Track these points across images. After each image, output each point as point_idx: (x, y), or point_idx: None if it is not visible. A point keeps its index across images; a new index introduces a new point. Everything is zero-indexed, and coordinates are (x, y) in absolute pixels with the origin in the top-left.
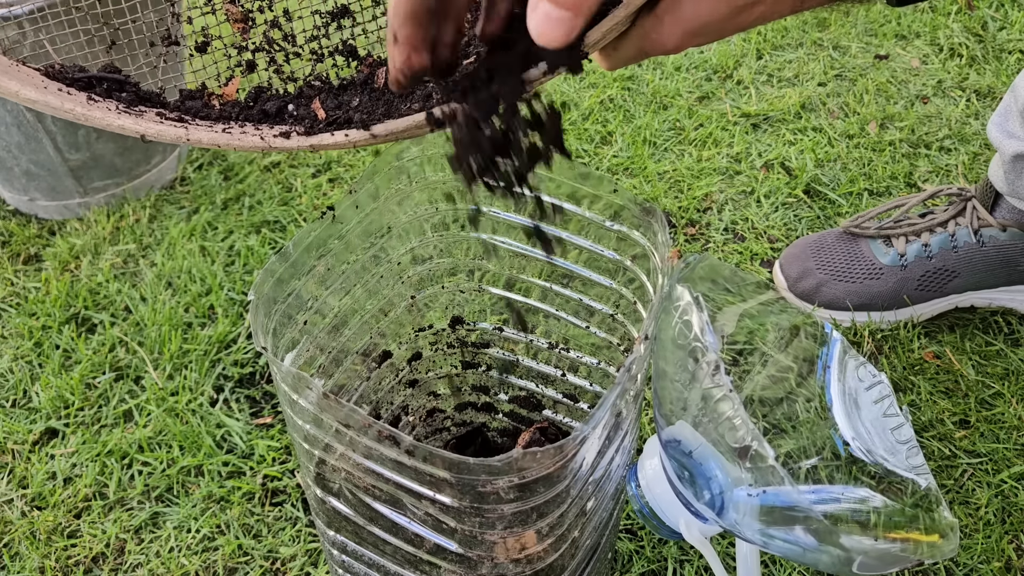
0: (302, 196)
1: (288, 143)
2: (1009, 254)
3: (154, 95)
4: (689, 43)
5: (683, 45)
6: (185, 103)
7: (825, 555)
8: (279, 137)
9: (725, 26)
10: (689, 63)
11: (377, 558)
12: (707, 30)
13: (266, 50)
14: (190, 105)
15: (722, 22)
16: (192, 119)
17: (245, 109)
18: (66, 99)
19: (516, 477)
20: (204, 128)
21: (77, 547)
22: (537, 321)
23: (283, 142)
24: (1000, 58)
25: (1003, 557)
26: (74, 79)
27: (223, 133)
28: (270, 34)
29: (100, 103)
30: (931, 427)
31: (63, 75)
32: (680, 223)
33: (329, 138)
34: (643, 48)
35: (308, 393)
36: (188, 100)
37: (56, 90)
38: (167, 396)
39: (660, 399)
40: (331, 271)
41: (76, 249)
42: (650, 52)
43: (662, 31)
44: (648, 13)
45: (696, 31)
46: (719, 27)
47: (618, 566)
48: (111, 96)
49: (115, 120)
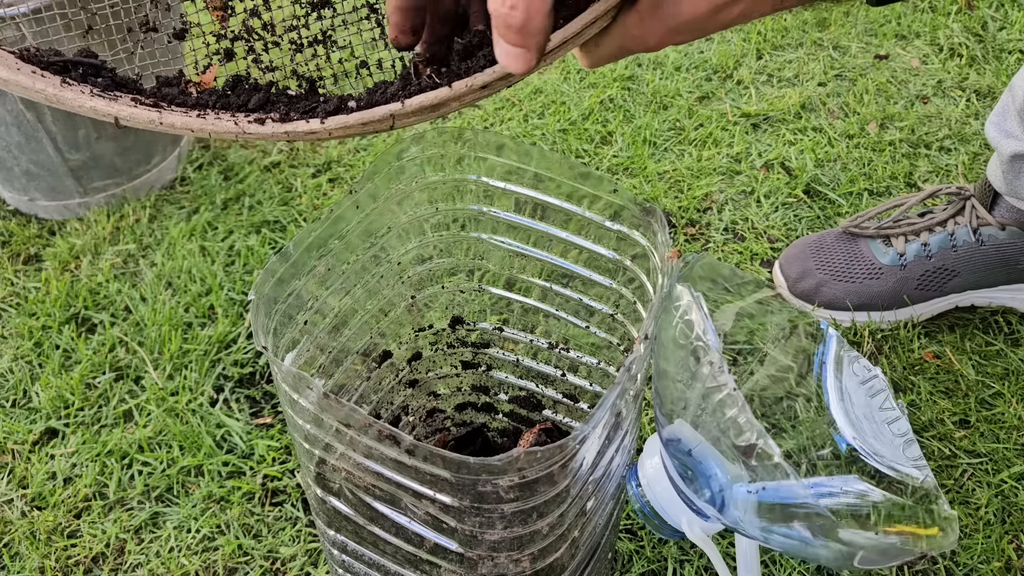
0: (302, 196)
1: (262, 129)
2: (1008, 253)
3: (130, 81)
4: (670, 40)
5: (664, 42)
6: (161, 89)
7: (826, 549)
8: (253, 123)
9: (706, 24)
10: (689, 63)
11: (377, 558)
12: (688, 27)
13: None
14: (167, 92)
15: (703, 20)
16: (168, 105)
17: (222, 97)
18: (38, 80)
19: (516, 477)
20: (178, 113)
21: (77, 547)
22: (537, 321)
23: (257, 128)
24: (1000, 58)
25: (1003, 557)
26: (49, 62)
27: (197, 118)
28: (249, 23)
29: (74, 86)
30: (931, 427)
31: (38, 58)
32: (680, 223)
33: (304, 125)
34: (624, 45)
35: (308, 393)
36: (165, 87)
37: (29, 72)
38: (167, 396)
39: (661, 398)
40: (331, 271)
41: (76, 249)
42: (631, 49)
43: (643, 28)
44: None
45: (677, 28)
46: (700, 25)
47: (618, 566)
48: (86, 81)
49: (87, 102)
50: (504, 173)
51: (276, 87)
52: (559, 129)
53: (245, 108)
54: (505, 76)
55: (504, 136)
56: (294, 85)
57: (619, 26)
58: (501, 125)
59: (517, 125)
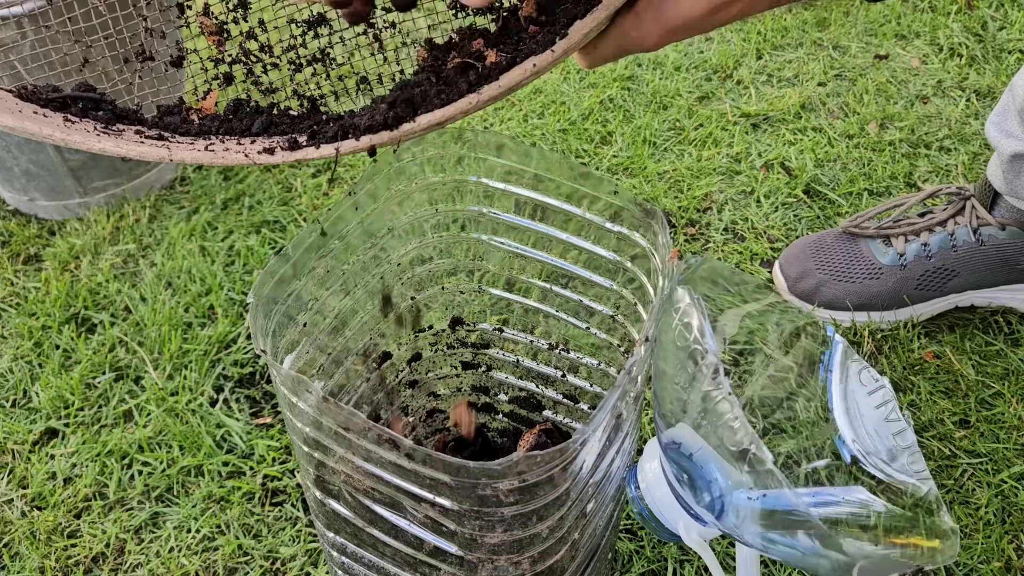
0: (302, 196)
1: (272, 159)
2: (1008, 253)
3: (131, 112)
4: (668, 40)
5: (662, 42)
6: (163, 119)
7: (825, 560)
8: (263, 153)
9: (704, 23)
10: (689, 63)
11: (377, 560)
12: (686, 27)
13: (243, 62)
14: (169, 121)
15: (701, 19)
16: (172, 135)
17: (225, 123)
18: (43, 123)
19: (516, 480)
20: (186, 146)
21: (77, 547)
22: (537, 322)
23: (267, 158)
24: (1000, 58)
25: (1003, 557)
26: (48, 99)
27: (206, 151)
28: (246, 45)
29: (77, 124)
30: (931, 427)
31: (36, 96)
32: (680, 223)
33: (314, 152)
34: (623, 46)
35: (307, 396)
36: (166, 116)
37: (32, 113)
38: (167, 396)
39: (660, 401)
40: (331, 272)
41: (76, 249)
42: (630, 50)
43: (642, 29)
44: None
45: (676, 28)
46: (698, 24)
47: (618, 566)
48: (87, 115)
49: (95, 143)
50: (504, 174)
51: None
52: (559, 129)
53: (249, 132)
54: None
55: (504, 136)
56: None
57: (617, 28)
58: (501, 125)
59: (517, 125)
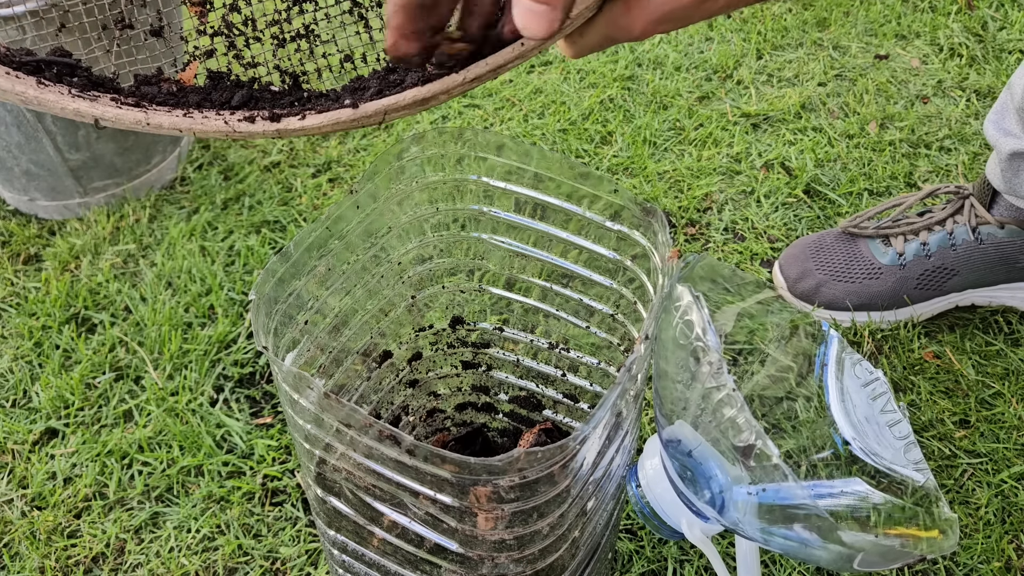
0: (302, 196)
1: (253, 127)
2: (1007, 251)
3: (107, 80)
4: (655, 30)
5: (649, 31)
6: (141, 88)
7: (825, 551)
8: (243, 121)
9: (692, 13)
10: (689, 63)
11: (377, 558)
12: (674, 16)
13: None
14: (146, 91)
15: (689, 9)
16: (149, 104)
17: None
18: (16, 82)
19: (517, 477)
20: (164, 112)
21: (77, 547)
22: (537, 321)
23: (247, 126)
24: (1000, 58)
25: (1003, 557)
26: (22, 62)
27: (184, 117)
28: (229, 18)
29: (51, 87)
30: (931, 427)
31: (10, 58)
32: (680, 223)
33: (297, 122)
34: (609, 34)
35: (309, 393)
36: (144, 85)
37: (4, 73)
38: (167, 396)
39: (661, 399)
40: (332, 271)
41: (76, 249)
42: (616, 39)
43: (629, 17)
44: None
45: (663, 18)
46: (686, 14)
47: (618, 566)
48: (61, 81)
49: (69, 104)
50: (504, 173)
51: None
52: (559, 129)
53: (228, 105)
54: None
55: (504, 136)
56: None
57: (604, 15)
58: (501, 125)
59: (517, 125)
